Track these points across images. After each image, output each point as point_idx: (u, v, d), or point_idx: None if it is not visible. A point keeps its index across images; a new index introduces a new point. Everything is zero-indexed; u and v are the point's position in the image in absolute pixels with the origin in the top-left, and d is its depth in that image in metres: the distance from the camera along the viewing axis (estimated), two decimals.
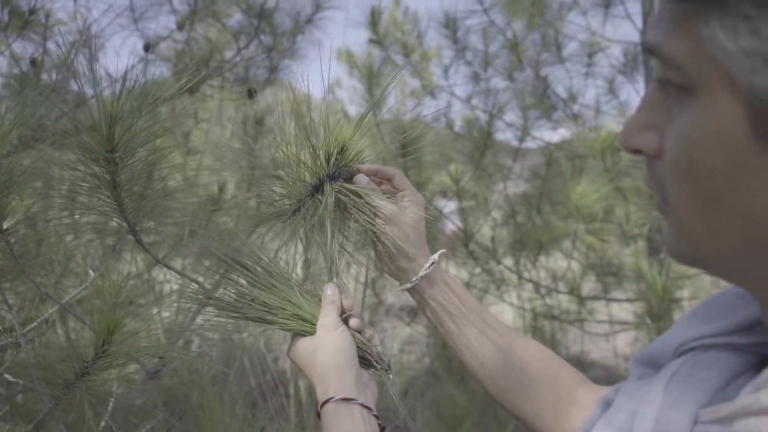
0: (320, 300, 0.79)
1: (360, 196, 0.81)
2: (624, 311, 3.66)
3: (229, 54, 3.06)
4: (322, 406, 0.68)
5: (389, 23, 5.38)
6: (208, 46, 2.91)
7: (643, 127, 0.42)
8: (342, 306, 0.78)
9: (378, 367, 0.75)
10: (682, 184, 0.39)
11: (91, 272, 1.20)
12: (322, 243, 0.83)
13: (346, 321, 0.77)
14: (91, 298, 1.17)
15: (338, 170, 0.85)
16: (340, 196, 0.83)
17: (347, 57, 8.85)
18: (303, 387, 2.41)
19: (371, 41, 3.41)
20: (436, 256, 0.82)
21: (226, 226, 2.60)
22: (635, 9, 2.94)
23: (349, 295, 0.83)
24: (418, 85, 3.45)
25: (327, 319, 0.75)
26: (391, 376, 0.76)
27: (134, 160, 0.99)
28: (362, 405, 0.67)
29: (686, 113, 0.38)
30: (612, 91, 3.23)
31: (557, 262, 3.02)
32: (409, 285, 0.81)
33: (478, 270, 2.80)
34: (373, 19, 3.47)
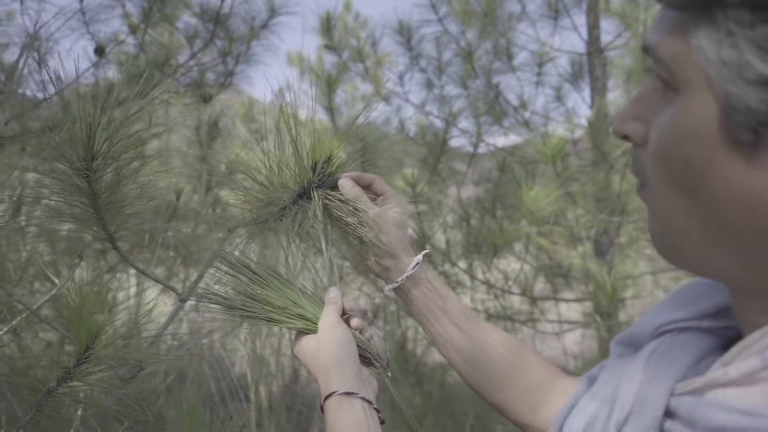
0: (322, 301, 0.82)
1: (344, 203, 0.85)
2: (572, 311, 3.80)
3: (183, 58, 3.04)
4: (325, 400, 0.71)
5: (341, 29, 5.41)
6: (162, 50, 2.88)
7: (632, 117, 0.47)
8: (344, 307, 0.82)
9: (377, 365, 0.78)
10: (661, 172, 0.44)
11: (56, 279, 1.20)
12: (317, 248, 0.86)
13: (347, 321, 0.81)
14: (61, 306, 1.16)
15: (324, 178, 0.88)
16: (327, 202, 0.86)
17: (298, 62, 8.84)
18: (263, 392, 2.42)
19: (326, 47, 3.44)
20: (420, 256, 0.86)
21: (184, 231, 2.58)
22: (581, 21, 3.08)
23: (350, 296, 0.87)
24: (372, 91, 3.49)
25: (329, 318, 0.78)
26: (390, 374, 0.79)
27: (113, 168, 0.99)
28: (363, 399, 0.71)
29: (670, 109, 0.43)
30: (559, 98, 3.35)
31: (510, 264, 3.12)
32: (395, 284, 0.85)
33: (434, 273, 2.87)
34: (327, 26, 3.50)
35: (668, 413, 0.45)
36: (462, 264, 2.98)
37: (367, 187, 0.89)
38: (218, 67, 3.14)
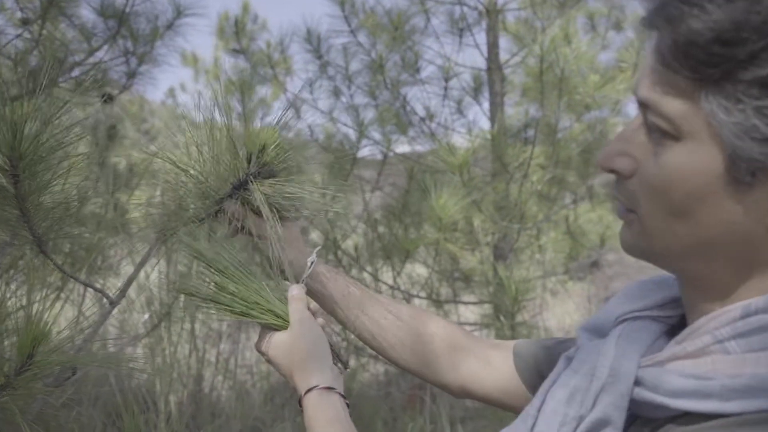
0: (285, 297, 0.84)
1: (283, 189, 0.88)
2: (470, 312, 3.99)
3: (82, 56, 2.90)
4: (305, 394, 0.75)
5: (241, 32, 5.35)
6: (60, 46, 2.74)
7: (619, 153, 0.56)
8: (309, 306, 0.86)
9: (341, 361, 0.83)
10: (656, 199, 0.53)
11: None
12: (259, 241, 0.90)
13: None
14: None
15: (260, 168, 0.90)
16: (265, 191, 0.88)
17: (192, 61, 8.58)
18: (173, 402, 2.36)
19: (234, 51, 3.41)
20: (313, 255, 0.93)
21: (86, 236, 2.47)
22: (482, 40, 3.26)
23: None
24: (281, 96, 3.50)
25: (302, 314, 0.81)
26: (347, 371, 0.84)
27: (40, 169, 0.96)
28: (340, 395, 0.75)
29: (671, 151, 0.51)
30: (460, 111, 3.53)
31: (415, 269, 3.24)
32: (302, 283, 0.90)
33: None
34: (234, 27, 3.48)
35: (636, 382, 0.55)
36: (370, 269, 3.06)
37: None
38: (120, 66, 3.03)
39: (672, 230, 0.54)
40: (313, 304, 0.88)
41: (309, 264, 0.91)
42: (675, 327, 0.62)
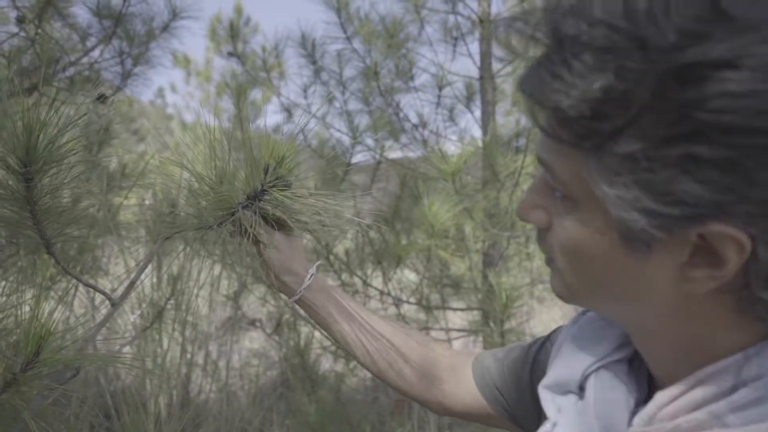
0: None
1: (297, 201, 0.90)
2: (458, 318, 4.01)
3: (76, 56, 2.90)
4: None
5: (236, 36, 5.36)
6: (55, 45, 2.74)
7: (533, 207, 0.55)
8: None
9: None
10: (567, 261, 0.53)
11: None
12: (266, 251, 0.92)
13: None
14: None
15: (275, 181, 0.90)
16: (281, 203, 0.90)
17: (184, 62, 8.56)
18: (162, 403, 2.37)
19: (230, 54, 3.42)
20: (313, 269, 0.96)
21: (79, 237, 2.47)
22: (475, 49, 3.30)
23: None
24: (275, 102, 3.51)
25: None
26: None
27: (53, 172, 0.98)
28: None
29: (571, 215, 0.50)
30: (452, 119, 3.56)
31: (405, 275, 3.26)
32: (297, 296, 0.94)
33: (335, 282, 2.94)
34: (231, 33, 3.49)
35: None
36: (360, 273, 3.08)
37: None
38: (115, 67, 3.03)
39: (590, 291, 0.53)
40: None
41: (309, 276, 0.94)
42: (632, 362, 0.60)
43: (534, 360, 0.80)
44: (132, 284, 1.22)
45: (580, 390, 0.61)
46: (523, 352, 0.83)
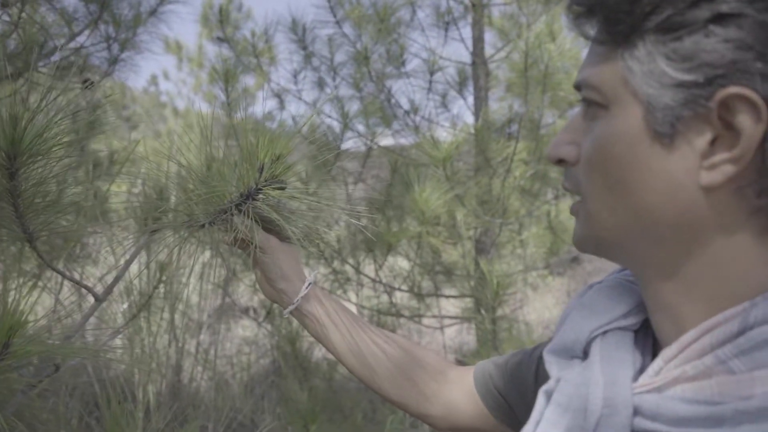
0: None
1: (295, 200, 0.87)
2: (451, 305, 4.01)
3: (62, 41, 2.85)
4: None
5: (225, 20, 5.30)
6: (39, 30, 2.68)
7: (566, 143, 0.57)
8: None
9: None
10: (593, 175, 0.54)
11: None
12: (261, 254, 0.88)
13: None
14: None
15: (270, 180, 0.86)
16: (274, 203, 0.87)
17: (176, 49, 8.47)
18: (151, 392, 2.35)
19: (218, 39, 3.37)
20: (311, 277, 0.92)
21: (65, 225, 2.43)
22: (467, 34, 3.26)
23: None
24: (266, 88, 3.48)
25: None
26: None
27: (38, 166, 0.94)
28: None
29: (601, 122, 0.53)
30: (445, 105, 3.53)
31: (397, 262, 3.24)
32: (292, 307, 0.90)
33: (326, 270, 2.92)
34: (220, 17, 3.44)
35: (633, 411, 0.51)
36: (352, 261, 3.06)
37: None
38: (102, 52, 2.98)
39: (611, 208, 0.53)
40: None
41: (306, 285, 0.90)
42: (637, 334, 0.59)
43: (539, 363, 0.78)
44: (117, 279, 1.19)
45: (585, 355, 0.59)
46: (527, 356, 0.82)
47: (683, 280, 0.52)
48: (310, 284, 0.90)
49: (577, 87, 0.56)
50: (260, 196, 0.86)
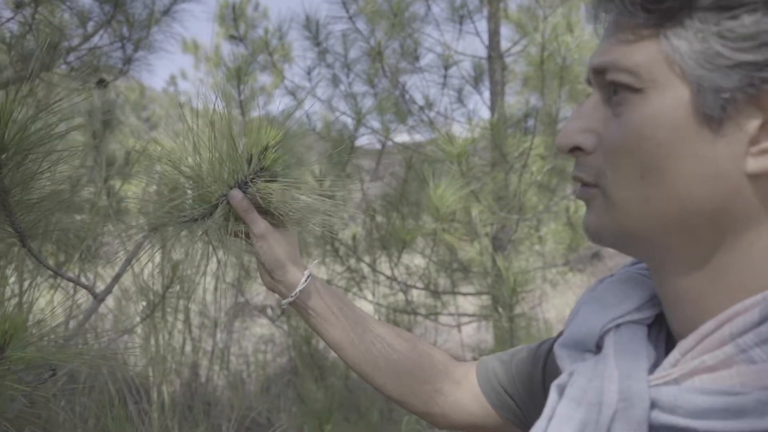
0: None
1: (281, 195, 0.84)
2: (468, 304, 3.96)
3: (76, 41, 2.86)
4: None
5: (239, 18, 5.32)
6: (54, 30, 2.69)
7: (581, 131, 0.54)
8: None
9: None
10: (622, 162, 0.50)
11: None
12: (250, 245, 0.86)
13: None
14: None
15: (259, 172, 0.85)
16: (264, 196, 0.84)
17: (193, 48, 8.51)
18: (166, 391, 2.34)
19: (233, 38, 3.36)
20: (311, 268, 0.88)
21: (77, 223, 2.44)
22: (483, 27, 3.21)
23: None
24: (278, 84, 3.46)
25: None
26: None
27: (26, 162, 0.92)
28: None
29: (633, 106, 0.49)
30: (461, 100, 3.48)
31: (413, 259, 3.21)
32: (291, 299, 0.86)
33: (341, 268, 2.90)
34: (234, 15, 3.43)
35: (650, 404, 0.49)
36: (367, 259, 3.03)
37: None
38: (116, 52, 2.98)
39: (645, 197, 0.50)
40: None
41: (305, 278, 0.86)
42: (651, 328, 0.57)
43: (547, 359, 0.76)
44: (117, 278, 1.18)
45: (598, 349, 0.57)
46: (532, 352, 0.80)
47: (710, 271, 0.50)
48: (309, 276, 0.86)
49: (599, 71, 0.52)
50: (248, 189, 0.83)
